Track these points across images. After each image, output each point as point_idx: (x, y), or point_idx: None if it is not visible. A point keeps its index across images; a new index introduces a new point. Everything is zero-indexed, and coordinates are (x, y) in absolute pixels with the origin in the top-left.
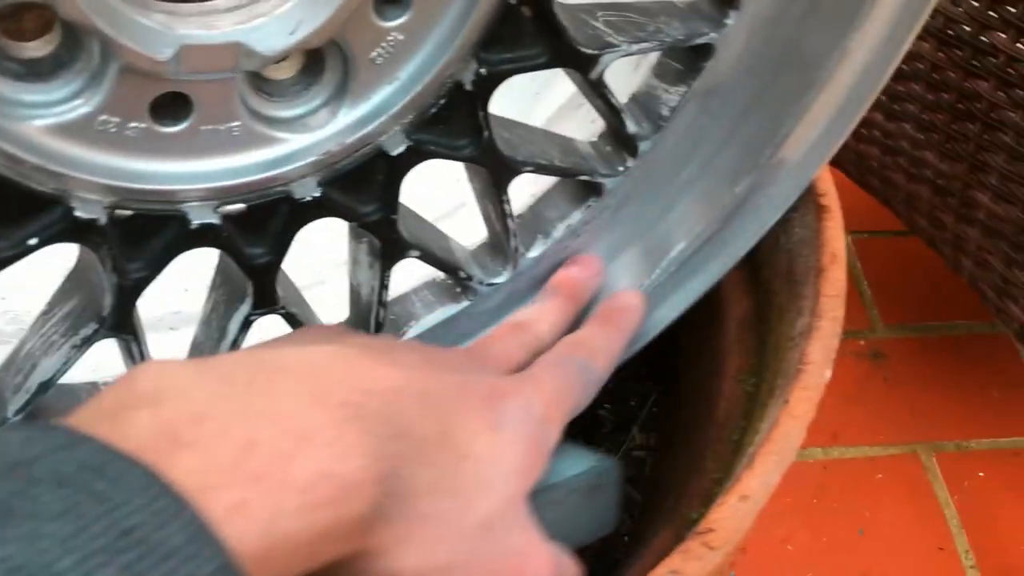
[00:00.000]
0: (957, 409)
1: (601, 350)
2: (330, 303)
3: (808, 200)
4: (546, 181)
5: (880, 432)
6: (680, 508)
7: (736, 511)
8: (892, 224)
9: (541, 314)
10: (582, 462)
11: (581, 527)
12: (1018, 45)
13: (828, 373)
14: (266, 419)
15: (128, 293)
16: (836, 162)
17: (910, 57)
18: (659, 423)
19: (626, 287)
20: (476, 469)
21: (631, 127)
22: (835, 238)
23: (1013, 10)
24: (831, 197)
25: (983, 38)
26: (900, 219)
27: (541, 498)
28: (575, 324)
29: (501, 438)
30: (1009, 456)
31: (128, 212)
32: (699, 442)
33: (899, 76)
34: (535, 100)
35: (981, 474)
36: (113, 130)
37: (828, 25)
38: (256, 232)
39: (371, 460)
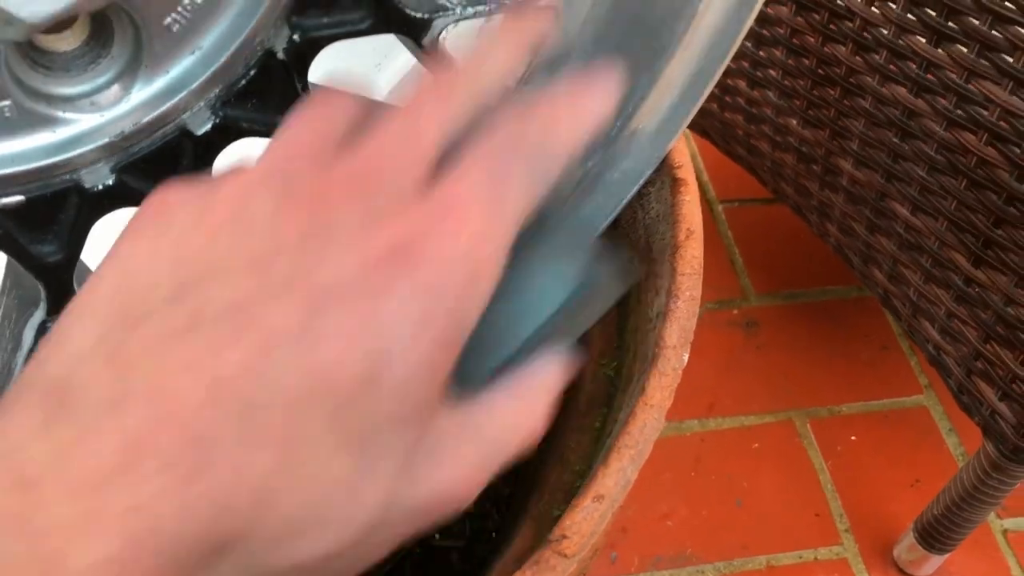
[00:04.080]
0: (829, 374)
1: (564, 114)
2: None
3: (664, 172)
4: None
5: (755, 401)
6: (542, 504)
7: (591, 513)
8: (762, 191)
9: (487, 59)
10: (556, 287)
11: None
12: (872, 9)
13: (686, 356)
14: None
15: None
16: (702, 132)
17: (770, 22)
18: None
19: None
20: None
21: None
22: (691, 213)
23: None
24: (687, 169)
25: (839, 1)
26: (767, 188)
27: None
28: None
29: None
30: (879, 419)
31: None
32: (564, 430)
33: (760, 41)
34: (377, 72)
35: (853, 438)
36: None
37: (654, 24)
38: (42, 228)
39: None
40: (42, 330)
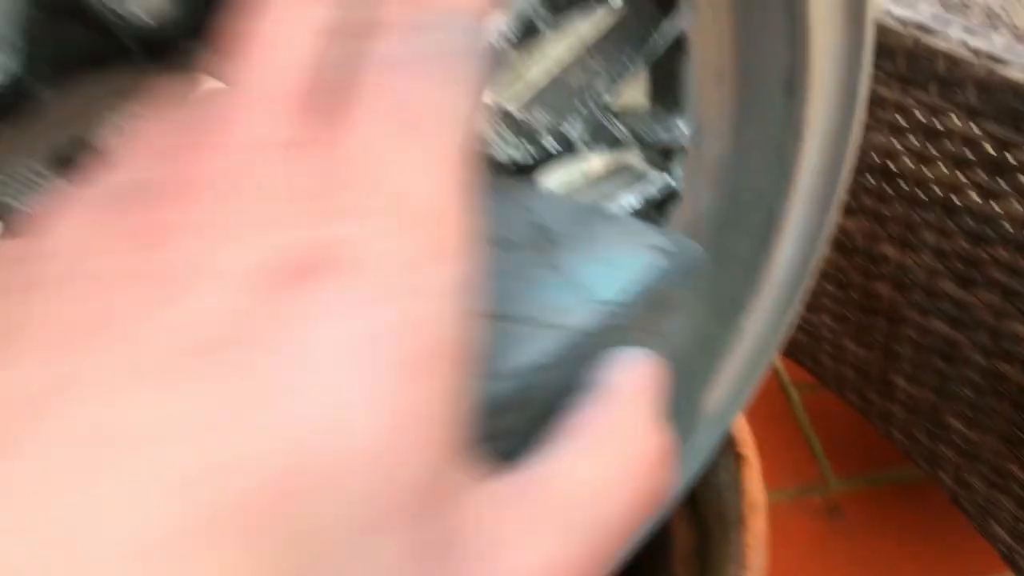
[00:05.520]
0: (917, 558)
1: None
2: None
3: (727, 448)
4: None
5: None
6: None
7: None
8: None
9: None
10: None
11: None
12: (905, 257)
13: None
14: None
15: None
16: None
17: None
18: None
19: None
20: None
21: None
22: (754, 489)
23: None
24: (748, 447)
25: (875, 249)
26: (832, 392)
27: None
28: None
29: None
30: None
31: None
32: None
33: None
34: None
35: None
36: None
37: (719, 314)
38: None
39: None
40: None
